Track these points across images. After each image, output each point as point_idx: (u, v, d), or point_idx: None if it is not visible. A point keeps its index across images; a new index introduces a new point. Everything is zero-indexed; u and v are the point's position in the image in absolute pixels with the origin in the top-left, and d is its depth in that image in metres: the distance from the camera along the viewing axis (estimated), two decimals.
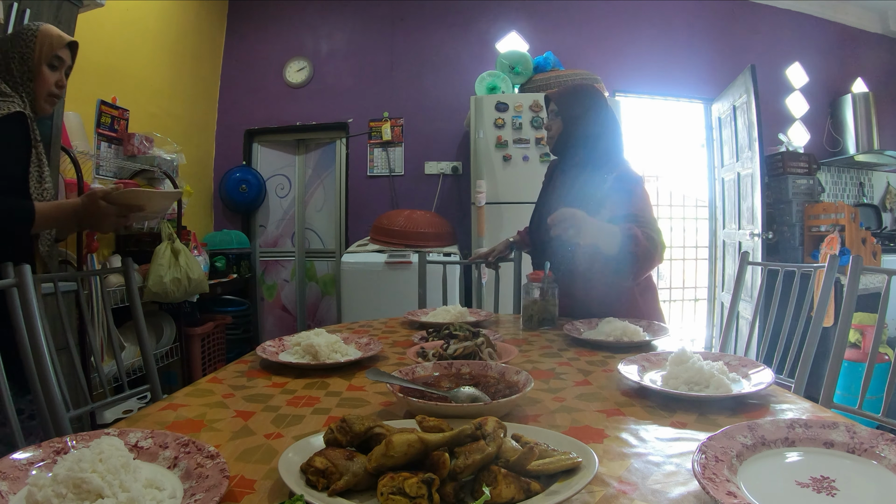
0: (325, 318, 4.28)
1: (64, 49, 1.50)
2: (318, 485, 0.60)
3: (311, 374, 1.16)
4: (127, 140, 3.01)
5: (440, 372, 1.01)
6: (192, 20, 3.89)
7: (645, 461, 0.71)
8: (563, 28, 4.08)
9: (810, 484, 0.62)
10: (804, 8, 4.17)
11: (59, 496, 0.55)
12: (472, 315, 1.77)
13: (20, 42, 1.46)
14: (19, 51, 1.45)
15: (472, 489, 0.59)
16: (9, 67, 1.45)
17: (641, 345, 1.38)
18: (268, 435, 0.82)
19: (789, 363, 1.61)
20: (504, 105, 3.27)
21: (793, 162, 3.86)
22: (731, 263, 3.94)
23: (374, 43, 4.20)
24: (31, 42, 1.46)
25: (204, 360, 3.19)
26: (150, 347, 1.53)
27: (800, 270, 1.69)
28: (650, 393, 0.98)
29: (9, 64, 1.45)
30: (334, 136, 4.26)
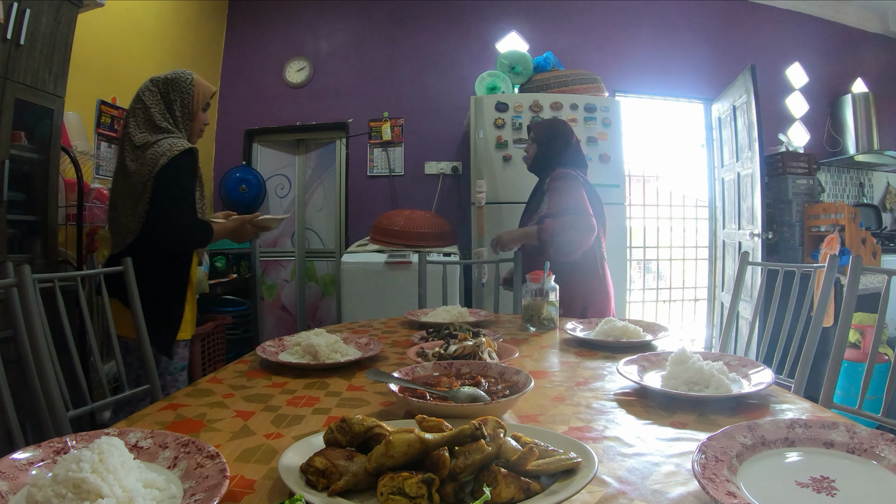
0: (325, 318, 4.28)
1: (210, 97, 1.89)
2: (318, 485, 0.60)
3: (311, 374, 1.16)
4: None
5: (440, 372, 1.01)
6: (192, 20, 3.89)
7: (645, 461, 0.71)
8: (563, 28, 4.08)
9: (810, 484, 0.62)
10: (804, 8, 4.17)
11: (59, 496, 0.55)
12: (472, 315, 1.77)
13: (180, 88, 1.79)
14: (180, 96, 1.79)
15: (472, 489, 0.59)
16: (171, 109, 1.78)
17: (641, 345, 1.38)
18: (268, 435, 0.82)
19: (789, 363, 1.61)
20: (504, 105, 3.27)
21: (793, 162, 3.86)
22: (731, 263, 3.94)
23: (374, 43, 4.20)
24: (189, 89, 1.80)
25: (204, 360, 3.19)
26: (149, 348, 1.53)
27: (800, 270, 1.69)
28: (650, 393, 0.98)
29: (171, 106, 1.78)
30: (334, 136, 4.26)
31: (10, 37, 1.94)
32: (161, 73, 1.82)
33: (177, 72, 1.81)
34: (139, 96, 1.78)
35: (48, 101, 2.16)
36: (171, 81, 1.79)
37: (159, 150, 1.68)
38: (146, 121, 1.76)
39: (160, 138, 1.72)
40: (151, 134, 1.73)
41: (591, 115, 3.29)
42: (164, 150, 1.68)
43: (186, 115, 1.81)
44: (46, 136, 2.18)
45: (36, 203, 2.17)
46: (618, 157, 3.34)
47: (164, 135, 1.74)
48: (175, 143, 1.71)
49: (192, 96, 1.81)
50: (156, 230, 1.68)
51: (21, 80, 2.02)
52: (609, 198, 3.29)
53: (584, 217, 2.05)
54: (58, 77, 2.19)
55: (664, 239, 4.64)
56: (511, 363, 1.12)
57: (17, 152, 2.06)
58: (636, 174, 4.51)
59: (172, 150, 1.69)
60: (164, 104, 1.78)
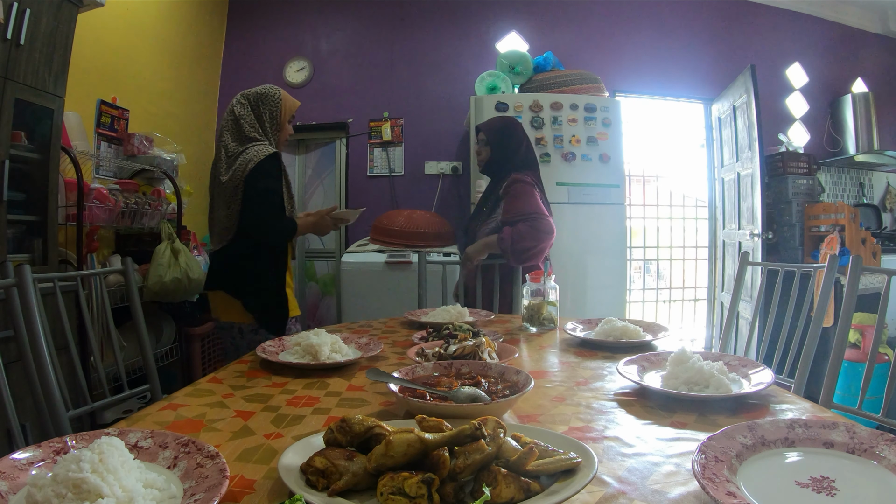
0: (325, 318, 4.27)
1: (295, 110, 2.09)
2: (318, 485, 0.60)
3: (311, 374, 1.16)
4: (127, 140, 3.01)
5: (440, 372, 1.01)
6: (192, 20, 3.89)
7: (645, 461, 0.71)
8: (563, 28, 4.08)
9: (810, 484, 0.62)
10: (804, 8, 4.17)
11: (59, 496, 0.55)
12: (472, 315, 1.77)
13: (269, 102, 1.99)
14: (269, 109, 1.99)
15: (472, 489, 0.59)
16: (261, 121, 1.98)
17: (641, 345, 1.38)
18: (268, 435, 0.82)
19: (789, 363, 1.61)
20: (504, 105, 3.27)
21: (793, 162, 3.86)
22: (731, 263, 3.94)
23: (374, 43, 4.20)
24: (277, 103, 2.00)
25: (204, 360, 3.19)
26: (149, 347, 1.53)
27: (800, 270, 1.69)
28: (650, 393, 0.98)
29: (261, 118, 1.98)
30: (334, 136, 4.26)
31: (10, 37, 1.94)
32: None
33: (266, 87, 2.02)
34: (231, 109, 1.97)
35: (48, 101, 2.16)
36: (260, 95, 2.00)
37: (247, 156, 1.88)
38: (237, 131, 1.96)
39: (248, 147, 1.91)
40: (240, 144, 1.93)
41: (591, 115, 3.29)
42: (252, 156, 1.87)
43: (275, 126, 2.00)
44: (46, 136, 2.18)
45: (36, 203, 2.17)
46: (618, 157, 3.34)
47: (252, 143, 1.93)
48: (261, 149, 1.89)
49: (280, 109, 2.01)
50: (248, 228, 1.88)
51: (21, 80, 2.02)
52: (609, 198, 3.30)
53: (542, 221, 2.11)
54: (58, 77, 2.19)
55: (664, 239, 4.64)
56: (511, 363, 1.12)
57: (17, 152, 2.06)
58: (636, 174, 4.51)
59: (259, 155, 1.87)
60: (253, 115, 1.98)
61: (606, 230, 3.30)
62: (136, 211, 2.73)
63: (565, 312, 2.27)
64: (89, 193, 2.44)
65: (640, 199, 4.58)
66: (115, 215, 2.59)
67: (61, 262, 2.33)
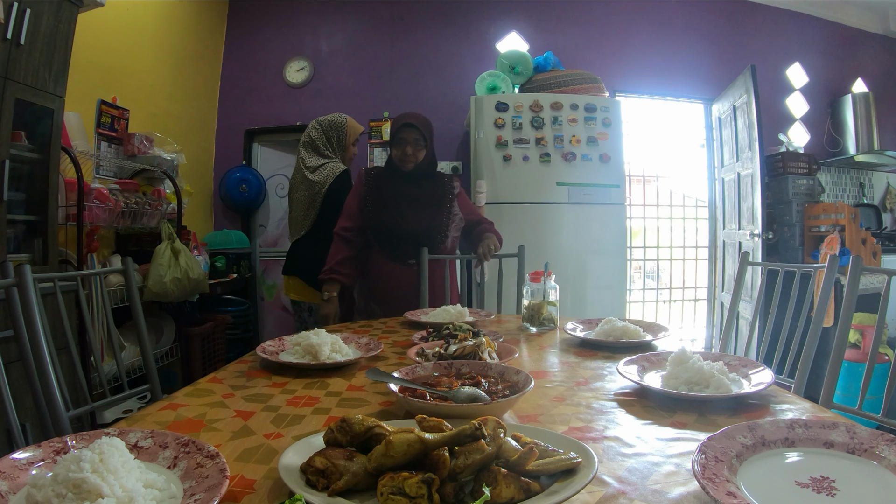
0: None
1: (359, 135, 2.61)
2: (318, 485, 0.60)
3: (311, 374, 1.16)
4: (127, 140, 3.01)
5: (440, 372, 1.01)
6: (192, 20, 3.89)
7: (645, 461, 0.71)
8: (563, 28, 4.08)
9: (810, 484, 0.62)
10: (804, 8, 4.17)
11: (59, 496, 0.55)
12: (472, 315, 1.77)
13: (337, 128, 2.53)
14: (336, 133, 2.53)
15: (472, 489, 0.59)
16: (330, 143, 2.52)
17: (641, 345, 1.38)
18: (268, 435, 0.82)
19: (789, 363, 1.61)
20: (504, 105, 3.27)
21: (793, 162, 3.86)
22: (731, 263, 3.94)
23: (374, 43, 4.19)
24: (343, 129, 2.54)
25: (204, 360, 3.19)
26: (150, 347, 1.53)
27: (800, 271, 1.69)
28: (650, 393, 0.98)
29: (330, 140, 2.52)
30: None
31: (10, 37, 1.94)
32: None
33: (336, 115, 2.54)
34: (308, 132, 2.53)
35: (48, 100, 2.16)
36: (331, 123, 2.53)
37: (325, 171, 2.43)
38: (313, 149, 2.51)
39: (325, 162, 2.46)
40: (318, 159, 2.48)
41: (591, 115, 3.29)
42: (329, 172, 2.42)
43: (341, 146, 2.54)
44: (46, 135, 2.18)
45: (36, 203, 2.17)
46: (618, 157, 3.34)
47: (327, 160, 2.48)
48: (336, 166, 2.45)
49: (346, 134, 2.53)
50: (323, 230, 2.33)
51: (21, 79, 2.02)
52: (609, 198, 3.30)
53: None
54: (58, 77, 2.19)
55: (664, 239, 4.64)
56: (511, 363, 1.12)
57: (17, 152, 2.06)
58: (636, 174, 4.51)
59: (335, 171, 2.42)
60: (325, 138, 2.51)
61: (606, 230, 3.30)
62: (136, 211, 2.73)
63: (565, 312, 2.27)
64: (89, 193, 2.44)
65: (641, 199, 4.58)
66: (115, 215, 2.59)
67: (61, 262, 2.33)
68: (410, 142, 2.18)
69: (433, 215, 2.23)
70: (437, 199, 2.25)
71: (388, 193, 2.22)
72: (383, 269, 2.21)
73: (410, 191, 2.23)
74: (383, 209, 2.20)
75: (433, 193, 2.26)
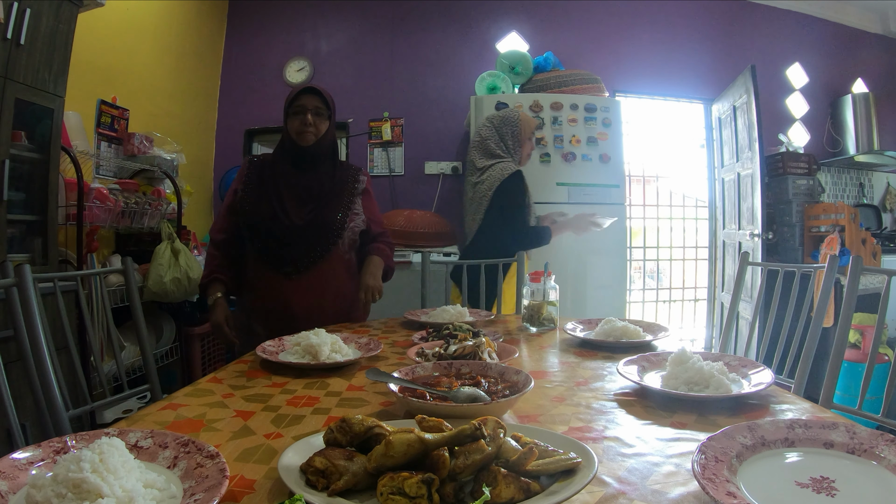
0: None
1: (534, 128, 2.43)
2: (318, 485, 0.60)
3: (311, 374, 1.16)
4: (127, 140, 3.01)
5: (440, 372, 1.01)
6: (192, 20, 3.89)
7: (645, 461, 0.71)
8: (563, 28, 4.08)
9: (810, 484, 0.62)
10: (804, 8, 4.17)
11: (59, 496, 0.55)
12: (472, 315, 1.77)
13: (509, 123, 2.38)
14: (510, 130, 2.38)
15: (472, 489, 0.59)
16: (504, 139, 2.38)
17: (641, 345, 1.38)
18: (268, 435, 0.82)
19: (789, 363, 1.61)
20: (504, 105, 3.26)
21: (793, 162, 3.86)
22: (731, 264, 3.94)
23: (374, 43, 4.19)
24: (517, 124, 2.38)
25: (204, 360, 3.19)
26: (149, 347, 1.53)
27: (800, 271, 1.69)
28: (650, 393, 0.98)
29: (503, 137, 2.38)
30: None
31: (10, 36, 1.94)
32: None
33: (507, 111, 2.41)
34: (478, 132, 2.41)
35: (48, 100, 2.16)
36: (502, 118, 2.38)
37: (493, 173, 2.27)
38: (484, 150, 2.37)
39: (494, 163, 2.31)
40: (487, 160, 2.34)
41: (591, 115, 3.29)
42: (497, 174, 2.26)
43: (516, 143, 2.37)
44: (46, 135, 2.18)
45: (36, 203, 2.17)
46: (618, 157, 3.34)
47: (497, 160, 2.32)
48: (505, 167, 2.29)
49: (519, 129, 2.37)
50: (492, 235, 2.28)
51: (21, 79, 2.02)
52: (609, 198, 3.30)
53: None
54: (58, 77, 2.19)
55: (664, 239, 4.64)
56: (511, 363, 1.12)
57: (17, 152, 2.06)
58: (636, 174, 4.51)
59: (503, 172, 2.26)
60: (498, 136, 2.37)
61: (606, 230, 3.29)
62: (136, 211, 2.73)
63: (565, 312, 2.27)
64: (89, 193, 2.44)
65: (640, 199, 4.58)
66: (115, 215, 2.59)
67: (61, 262, 2.33)
68: (311, 109, 1.77)
69: (326, 208, 1.77)
70: (335, 190, 1.80)
71: (270, 182, 1.78)
72: (261, 279, 1.76)
73: (301, 178, 1.78)
74: (261, 201, 1.76)
75: (331, 182, 1.80)
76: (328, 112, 1.80)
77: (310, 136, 1.77)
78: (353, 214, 1.81)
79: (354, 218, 1.81)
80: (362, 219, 1.84)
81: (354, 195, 1.84)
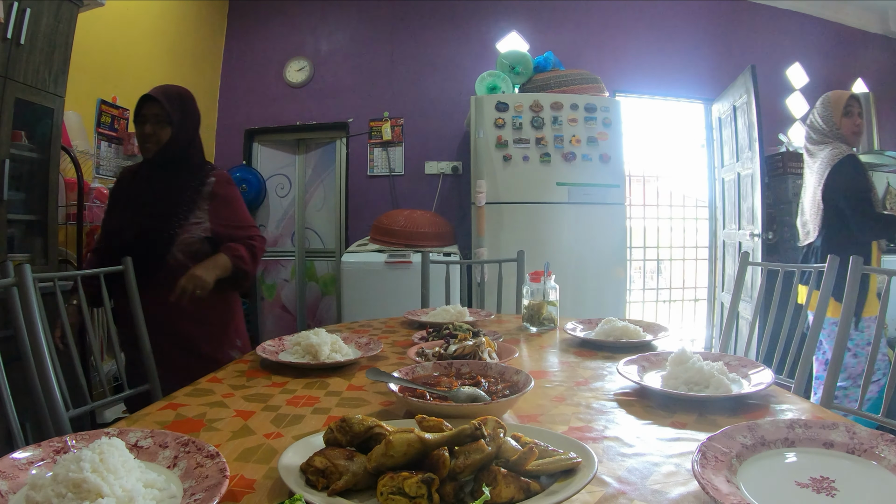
0: (325, 317, 4.27)
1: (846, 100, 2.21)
2: (318, 484, 0.60)
3: (311, 374, 1.16)
4: (127, 139, 3.01)
5: (440, 372, 1.01)
6: (192, 20, 3.89)
7: (645, 461, 0.71)
8: (563, 28, 4.08)
9: (810, 484, 0.62)
10: (804, 8, 4.17)
11: (59, 496, 0.55)
12: (473, 315, 1.77)
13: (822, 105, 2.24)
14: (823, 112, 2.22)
15: (472, 489, 0.59)
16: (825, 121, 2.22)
17: (641, 345, 1.38)
18: (268, 434, 0.82)
19: (789, 363, 1.61)
20: (504, 105, 3.27)
21: (793, 162, 3.86)
22: (732, 264, 3.94)
23: (374, 43, 4.20)
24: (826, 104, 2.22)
25: None
26: (149, 348, 1.53)
27: (800, 271, 1.69)
28: (650, 393, 0.98)
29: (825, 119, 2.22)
30: (334, 136, 4.26)
31: (10, 36, 1.94)
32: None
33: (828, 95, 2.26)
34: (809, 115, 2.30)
35: (48, 100, 2.16)
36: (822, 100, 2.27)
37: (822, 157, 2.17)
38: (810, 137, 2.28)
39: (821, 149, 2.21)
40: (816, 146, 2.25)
41: (591, 115, 3.29)
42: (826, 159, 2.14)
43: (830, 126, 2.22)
44: (46, 135, 2.18)
45: (36, 202, 2.17)
46: (618, 157, 3.34)
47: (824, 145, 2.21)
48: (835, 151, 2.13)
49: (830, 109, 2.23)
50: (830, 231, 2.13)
51: (21, 79, 2.02)
52: (609, 198, 3.30)
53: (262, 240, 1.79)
54: (58, 76, 2.19)
55: (664, 239, 4.64)
56: (511, 363, 1.12)
57: (18, 152, 2.06)
58: (636, 174, 4.51)
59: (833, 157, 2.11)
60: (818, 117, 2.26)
61: (606, 230, 3.30)
62: None
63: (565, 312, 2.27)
64: (89, 193, 2.44)
65: (641, 199, 4.58)
66: None
67: (61, 262, 2.33)
68: (150, 118, 1.65)
69: (155, 220, 1.63)
70: (172, 198, 1.67)
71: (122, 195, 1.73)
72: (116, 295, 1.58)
73: (150, 185, 1.69)
74: (112, 215, 1.73)
75: (171, 189, 1.68)
76: (170, 119, 1.66)
77: (150, 148, 1.67)
78: (190, 225, 1.65)
79: (192, 228, 1.65)
80: (204, 227, 1.67)
81: (195, 202, 1.68)
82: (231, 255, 1.65)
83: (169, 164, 1.69)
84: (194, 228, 1.65)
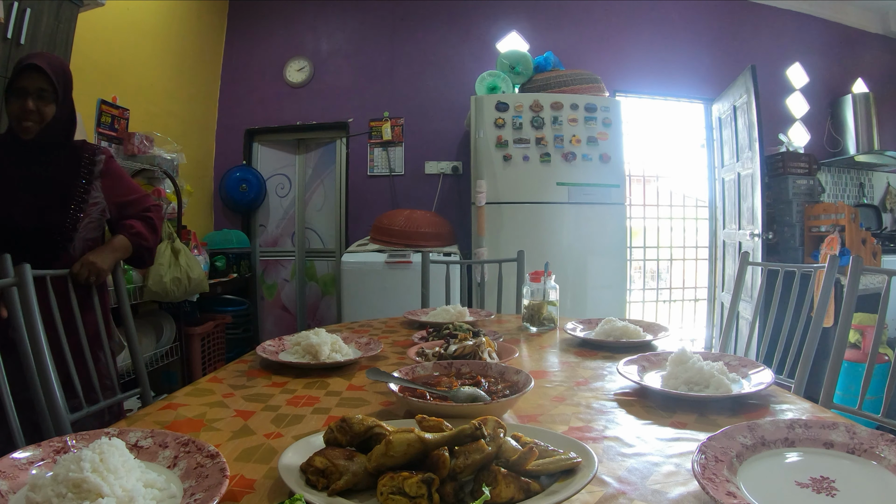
0: (325, 317, 4.28)
1: None
2: (318, 484, 0.60)
3: (311, 374, 1.16)
4: (127, 139, 3.01)
5: (440, 372, 1.01)
6: (192, 20, 3.89)
7: (645, 461, 0.71)
8: (563, 28, 4.08)
9: (810, 484, 0.62)
10: (804, 8, 4.17)
11: (59, 496, 0.55)
12: (473, 315, 1.77)
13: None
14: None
15: (472, 489, 0.59)
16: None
17: (641, 345, 1.38)
18: (268, 434, 0.82)
19: (789, 363, 1.61)
20: (504, 105, 3.27)
21: (793, 162, 3.86)
22: (732, 264, 3.94)
23: (374, 43, 4.20)
24: None
25: (204, 360, 3.19)
26: (139, 350, 1.51)
27: (800, 271, 1.69)
28: (650, 393, 0.98)
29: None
30: (334, 136, 4.26)
31: (10, 36, 1.94)
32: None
33: None
34: None
35: None
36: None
37: None
38: None
39: None
40: None
41: (591, 115, 3.29)
42: None
43: None
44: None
45: None
46: (618, 157, 3.34)
47: None
48: None
49: None
50: None
51: None
52: (609, 198, 3.30)
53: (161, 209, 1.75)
54: None
55: (664, 239, 4.64)
56: (511, 363, 1.12)
57: None
58: (636, 174, 4.51)
59: None
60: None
61: (606, 230, 3.30)
62: None
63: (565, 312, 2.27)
64: None
65: (641, 199, 4.58)
66: None
67: None
68: (33, 92, 1.46)
69: (53, 207, 1.50)
70: (66, 180, 1.54)
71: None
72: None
73: (29, 168, 1.52)
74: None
75: (62, 170, 1.54)
76: (56, 94, 1.49)
77: (31, 127, 1.48)
78: (89, 207, 1.55)
79: (91, 210, 1.56)
80: (102, 208, 1.58)
81: (90, 182, 1.56)
82: (128, 234, 1.58)
83: (54, 146, 1.53)
84: (93, 210, 1.55)
